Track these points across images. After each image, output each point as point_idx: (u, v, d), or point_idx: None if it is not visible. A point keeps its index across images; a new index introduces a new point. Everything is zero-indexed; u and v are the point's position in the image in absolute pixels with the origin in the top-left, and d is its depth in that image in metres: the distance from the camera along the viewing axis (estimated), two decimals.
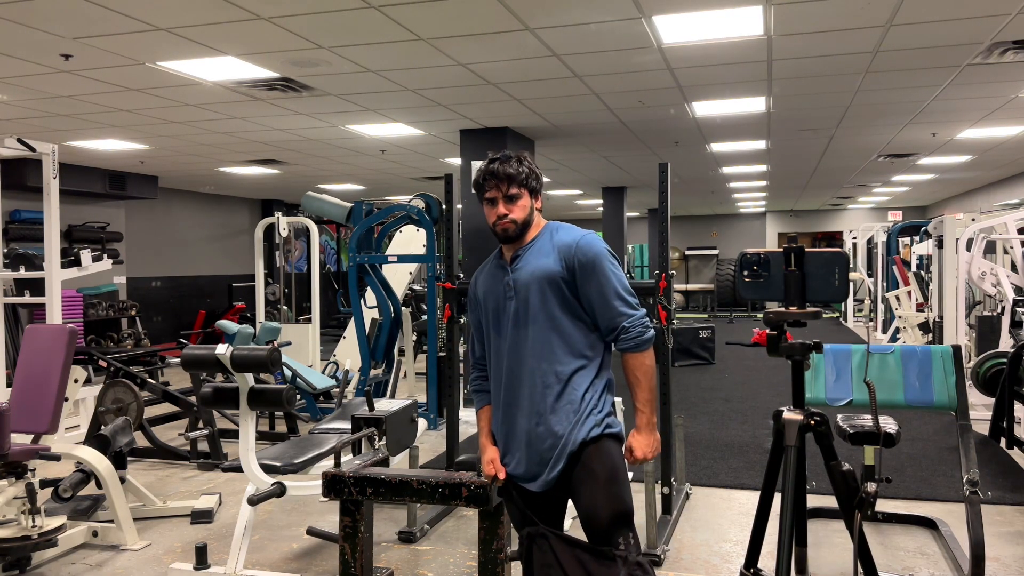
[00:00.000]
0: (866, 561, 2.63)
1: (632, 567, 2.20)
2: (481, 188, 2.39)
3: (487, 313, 2.43)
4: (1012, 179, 12.94)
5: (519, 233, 2.37)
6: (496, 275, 2.43)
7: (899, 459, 5.31)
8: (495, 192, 2.36)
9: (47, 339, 4.08)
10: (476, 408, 2.53)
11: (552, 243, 2.37)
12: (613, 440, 2.32)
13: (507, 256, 2.43)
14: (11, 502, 3.57)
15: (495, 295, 2.40)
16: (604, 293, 2.29)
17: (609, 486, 2.25)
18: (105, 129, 7.68)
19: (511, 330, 2.34)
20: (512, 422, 2.34)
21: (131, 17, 4.41)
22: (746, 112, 7.33)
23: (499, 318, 2.38)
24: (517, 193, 2.35)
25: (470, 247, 8.01)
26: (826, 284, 2.58)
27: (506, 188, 2.34)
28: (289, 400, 3.38)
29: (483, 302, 2.44)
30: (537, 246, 2.38)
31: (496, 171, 2.35)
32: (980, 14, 4.55)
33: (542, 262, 2.33)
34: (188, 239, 13.70)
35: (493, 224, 2.38)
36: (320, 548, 3.94)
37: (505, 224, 2.35)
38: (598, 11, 4.43)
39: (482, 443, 2.44)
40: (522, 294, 2.33)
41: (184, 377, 8.74)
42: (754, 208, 20.37)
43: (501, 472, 2.34)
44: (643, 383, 2.32)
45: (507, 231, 2.36)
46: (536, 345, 2.30)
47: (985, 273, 6.92)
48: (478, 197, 2.43)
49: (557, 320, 2.31)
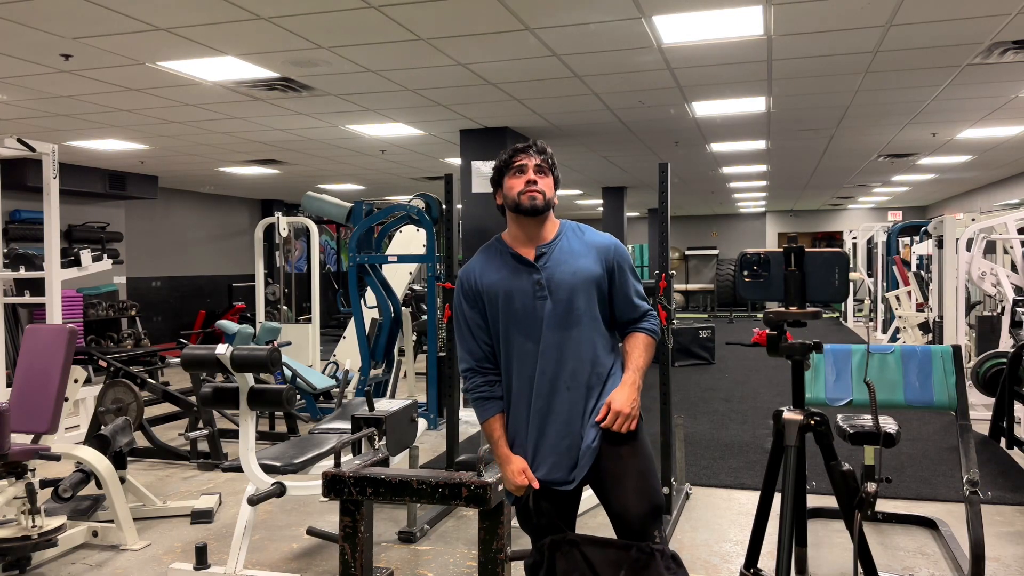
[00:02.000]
0: (866, 561, 2.63)
1: (668, 560, 2.18)
2: (508, 163, 2.33)
3: (508, 312, 2.28)
4: (1012, 179, 12.94)
5: (545, 208, 2.30)
6: (518, 272, 2.29)
7: (899, 459, 5.30)
8: (526, 159, 2.30)
9: (47, 339, 4.08)
10: (484, 417, 2.33)
11: (584, 244, 2.34)
12: (641, 432, 2.31)
13: (526, 252, 2.32)
14: (11, 502, 3.57)
15: (522, 293, 2.27)
16: (629, 294, 2.35)
17: (643, 480, 2.22)
18: (105, 129, 7.68)
19: (546, 333, 2.25)
20: (544, 428, 2.25)
21: (131, 17, 4.41)
22: (746, 112, 7.33)
23: (527, 319, 2.27)
24: (546, 169, 2.33)
25: (470, 247, 8.01)
26: (826, 284, 2.58)
27: (539, 159, 2.31)
28: (289, 400, 3.38)
29: (501, 299, 2.29)
30: (566, 245, 2.32)
31: (528, 144, 2.34)
32: (980, 14, 4.55)
33: (583, 263, 2.29)
34: (188, 239, 13.70)
35: (519, 194, 2.28)
36: (320, 548, 3.94)
37: (533, 191, 2.27)
38: (598, 11, 4.43)
39: (503, 454, 2.29)
40: (561, 295, 2.26)
41: (184, 377, 8.74)
42: (754, 208, 20.37)
43: (534, 481, 2.25)
44: (645, 354, 2.33)
45: (535, 200, 2.27)
46: (582, 347, 2.26)
47: (985, 273, 6.92)
48: (500, 176, 2.35)
49: (598, 321, 2.30)
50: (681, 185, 13.74)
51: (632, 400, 2.24)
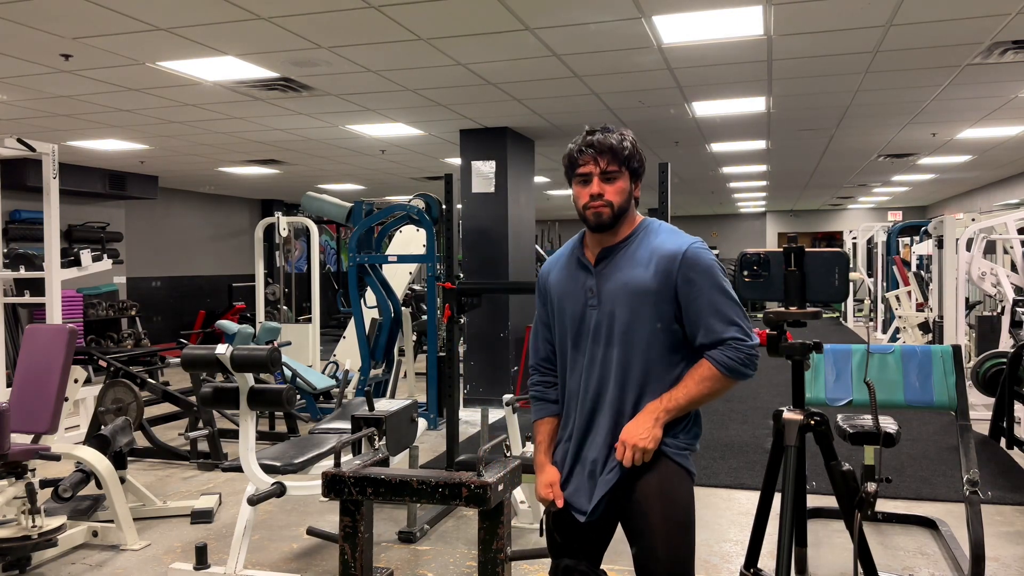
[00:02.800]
0: (866, 561, 2.62)
1: None
2: (574, 162, 2.03)
3: (562, 316, 2.10)
4: (1012, 179, 12.94)
5: (613, 221, 2.01)
6: (576, 275, 2.09)
7: (899, 459, 5.30)
8: (591, 166, 2.00)
9: (47, 339, 4.08)
10: (534, 418, 2.20)
11: (650, 249, 2.02)
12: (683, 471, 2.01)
13: (591, 253, 2.09)
14: (11, 502, 3.57)
15: (574, 298, 2.07)
16: (699, 314, 1.97)
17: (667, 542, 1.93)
18: (105, 129, 7.68)
19: (591, 346, 2.03)
20: (581, 447, 2.07)
21: (131, 17, 4.41)
22: (746, 112, 7.33)
23: (578, 328, 2.06)
24: (616, 172, 2.01)
25: (470, 247, 8.02)
26: (826, 284, 2.57)
27: (605, 163, 1.99)
28: (289, 400, 3.38)
29: (556, 301, 2.11)
30: (631, 250, 2.04)
31: (595, 142, 2.00)
32: (980, 14, 4.55)
33: (636, 273, 1.99)
34: (188, 239, 13.70)
35: (584, 206, 2.02)
36: (320, 548, 3.94)
37: (598, 207, 1.99)
38: (598, 11, 4.43)
39: (540, 461, 2.14)
40: (607, 307, 2.00)
41: (184, 377, 8.74)
42: (754, 208, 20.37)
43: (559, 499, 2.06)
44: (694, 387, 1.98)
45: (600, 216, 2.00)
46: (620, 370, 1.99)
47: (985, 273, 6.92)
48: (568, 176, 2.08)
49: (648, 344, 1.99)
50: (681, 185, 13.73)
51: (643, 431, 1.94)
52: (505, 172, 7.77)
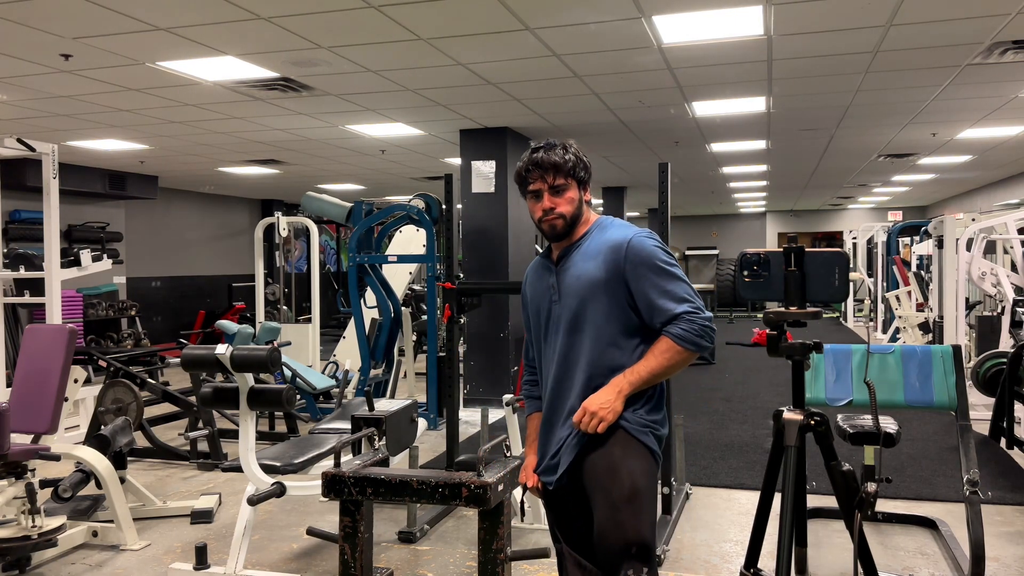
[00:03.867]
0: (866, 561, 2.63)
1: None
2: (524, 180, 2.19)
3: (536, 316, 2.28)
4: (1012, 179, 12.94)
5: (568, 229, 2.19)
6: (542, 276, 2.27)
7: (899, 459, 5.30)
8: (539, 183, 2.16)
9: (47, 339, 4.08)
10: (526, 414, 2.41)
11: (600, 244, 2.17)
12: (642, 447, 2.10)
13: (554, 254, 2.27)
14: (11, 502, 3.57)
15: (541, 297, 2.25)
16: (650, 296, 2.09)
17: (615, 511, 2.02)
18: (105, 129, 7.68)
19: (557, 337, 2.19)
20: (549, 431, 2.24)
21: (131, 17, 4.41)
22: (746, 112, 7.33)
23: (546, 323, 2.24)
24: (564, 184, 2.16)
25: (470, 247, 8.02)
26: (826, 284, 2.58)
27: (552, 178, 2.15)
28: (289, 400, 3.38)
29: (531, 303, 2.30)
30: (585, 246, 2.20)
31: (540, 160, 2.15)
32: (980, 14, 4.55)
33: (588, 266, 2.15)
34: (188, 239, 13.70)
35: (539, 220, 2.19)
36: (320, 548, 3.94)
37: (552, 219, 2.17)
38: (598, 11, 4.43)
39: (526, 451, 2.35)
40: (567, 300, 2.17)
41: (184, 377, 8.74)
42: (754, 208, 20.38)
43: (531, 480, 2.26)
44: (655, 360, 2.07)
45: (555, 227, 2.17)
46: (584, 356, 2.14)
47: (985, 273, 6.92)
48: (521, 191, 2.24)
49: (604, 329, 2.12)
50: (681, 185, 13.73)
51: (604, 401, 2.04)
52: (505, 172, 7.77)
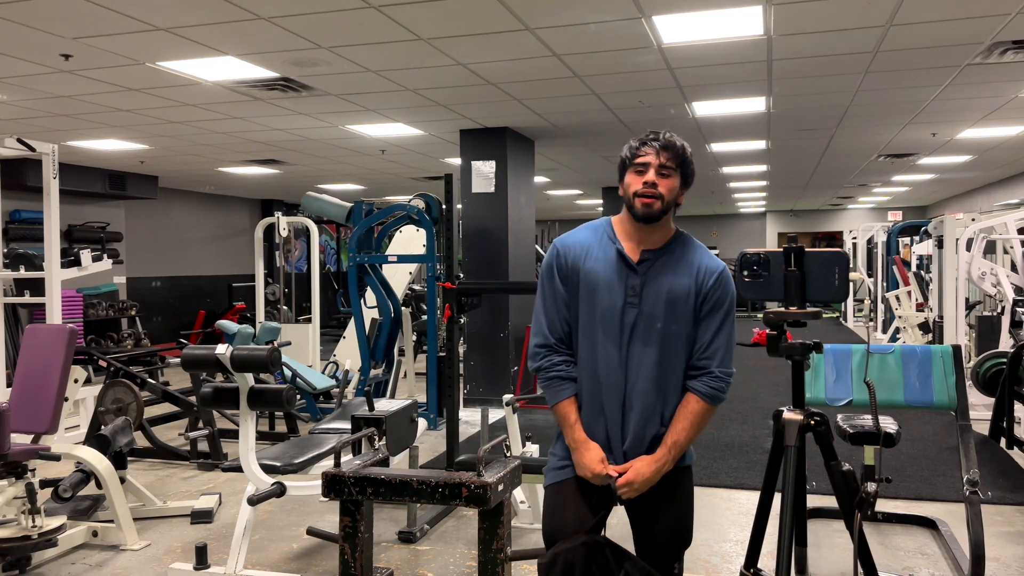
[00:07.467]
0: (866, 561, 2.62)
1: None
2: (634, 154, 2.13)
3: (591, 303, 2.15)
4: (1012, 179, 12.94)
5: (660, 215, 2.11)
6: (618, 268, 2.15)
7: (899, 459, 5.31)
8: (651, 157, 2.11)
9: (47, 339, 4.08)
10: (559, 398, 2.20)
11: (691, 262, 2.15)
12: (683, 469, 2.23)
13: (630, 249, 2.16)
14: (11, 502, 3.57)
15: (612, 291, 2.13)
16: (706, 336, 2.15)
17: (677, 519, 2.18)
18: (105, 129, 7.68)
19: (628, 342, 2.12)
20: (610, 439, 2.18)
21: (131, 17, 4.41)
22: (746, 112, 7.33)
23: (611, 321, 2.13)
24: (672, 169, 2.12)
25: (470, 247, 8.02)
26: (826, 284, 2.57)
27: (665, 158, 2.10)
28: (289, 400, 3.38)
29: (587, 286, 2.15)
30: (674, 256, 2.15)
31: (659, 137, 2.13)
32: (980, 14, 4.55)
33: (681, 281, 2.12)
34: (188, 239, 13.70)
35: (635, 193, 2.10)
36: (320, 548, 3.94)
37: (650, 198, 2.08)
38: (598, 11, 4.43)
39: (580, 439, 2.16)
40: (647, 308, 2.11)
41: (184, 377, 8.74)
42: (754, 208, 20.37)
43: (614, 472, 2.13)
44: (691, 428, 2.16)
45: (650, 208, 2.09)
46: (654, 370, 2.12)
47: (985, 273, 6.92)
48: (621, 171, 2.17)
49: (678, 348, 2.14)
50: None
51: (651, 476, 2.12)
52: (505, 172, 7.77)
